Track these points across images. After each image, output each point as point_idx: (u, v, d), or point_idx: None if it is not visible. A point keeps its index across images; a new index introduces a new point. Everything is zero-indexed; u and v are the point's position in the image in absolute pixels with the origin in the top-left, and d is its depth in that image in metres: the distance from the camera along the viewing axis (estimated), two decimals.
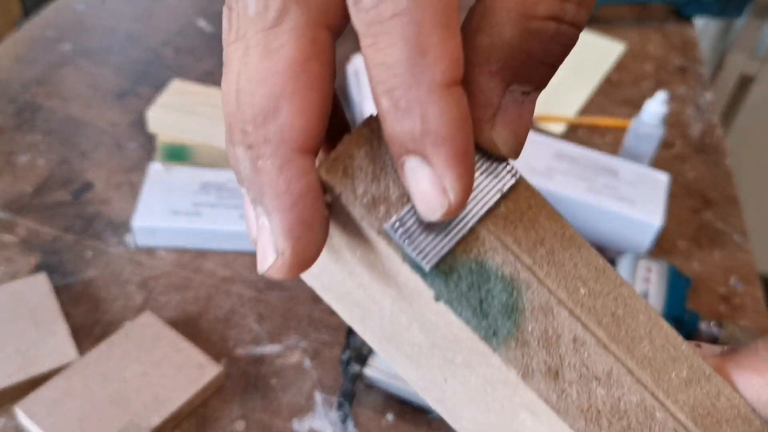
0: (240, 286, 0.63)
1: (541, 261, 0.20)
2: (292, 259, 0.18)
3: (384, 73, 0.16)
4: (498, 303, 0.19)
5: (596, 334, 0.20)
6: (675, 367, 0.20)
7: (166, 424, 0.50)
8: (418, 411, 0.55)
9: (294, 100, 0.17)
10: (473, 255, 0.19)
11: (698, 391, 0.20)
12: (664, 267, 0.62)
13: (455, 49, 0.16)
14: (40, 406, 0.49)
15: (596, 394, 0.19)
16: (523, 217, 0.20)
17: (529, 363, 0.19)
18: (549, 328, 0.19)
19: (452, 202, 0.17)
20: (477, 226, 0.19)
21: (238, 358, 0.57)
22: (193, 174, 0.68)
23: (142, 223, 0.63)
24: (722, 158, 0.84)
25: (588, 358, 0.19)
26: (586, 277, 0.20)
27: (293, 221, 0.18)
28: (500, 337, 0.19)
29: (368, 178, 0.19)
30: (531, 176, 0.68)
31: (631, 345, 0.20)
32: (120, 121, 0.78)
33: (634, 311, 0.20)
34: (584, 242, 0.20)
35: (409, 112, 0.16)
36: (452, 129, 0.16)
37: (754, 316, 0.66)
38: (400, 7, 0.15)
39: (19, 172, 0.71)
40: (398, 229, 0.18)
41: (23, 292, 0.57)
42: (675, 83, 0.95)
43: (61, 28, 0.91)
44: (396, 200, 0.19)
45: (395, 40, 0.16)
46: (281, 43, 0.17)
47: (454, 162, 0.17)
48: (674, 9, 1.07)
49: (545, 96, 0.88)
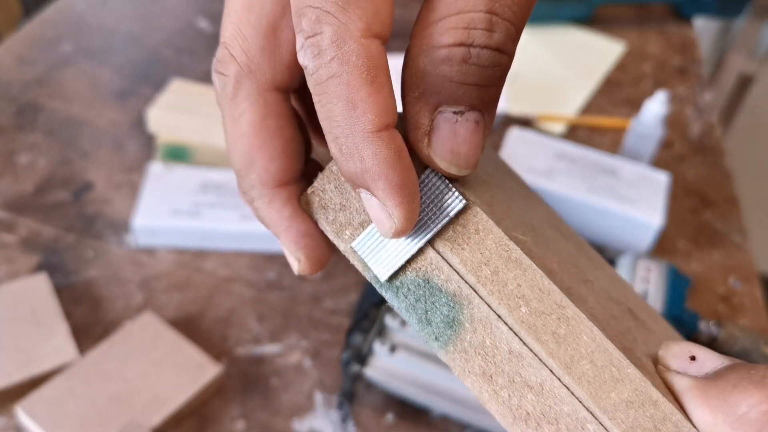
0: (240, 286, 0.63)
1: (484, 280, 0.22)
2: (308, 262, 0.24)
3: (329, 125, 0.20)
4: (440, 314, 0.22)
5: (533, 348, 0.21)
6: (616, 387, 0.21)
7: (166, 424, 0.51)
8: (418, 411, 0.55)
9: (261, 153, 0.23)
10: (421, 272, 0.22)
11: (640, 413, 0.21)
12: (663, 267, 0.62)
13: (382, 100, 0.19)
14: (40, 406, 0.50)
15: (527, 399, 0.21)
16: (470, 240, 0.22)
17: (465, 366, 0.22)
18: (487, 339, 0.22)
19: (397, 225, 0.21)
20: (426, 248, 0.22)
21: (238, 358, 0.57)
22: (193, 174, 0.68)
23: (142, 223, 0.63)
24: (722, 158, 0.84)
25: (522, 368, 0.21)
26: (529, 297, 0.22)
27: (294, 236, 0.24)
28: (441, 342, 0.22)
29: (336, 207, 0.23)
30: (531, 176, 0.68)
31: (570, 362, 0.21)
32: (120, 121, 0.78)
33: (577, 332, 0.21)
34: (531, 264, 0.22)
35: (351, 156, 0.20)
36: (384, 166, 0.20)
37: (753, 315, 0.66)
38: (332, 71, 0.19)
39: (20, 172, 0.71)
40: (358, 250, 0.23)
41: (24, 292, 0.57)
42: (674, 83, 0.95)
43: (62, 28, 0.91)
44: (358, 225, 0.23)
45: (332, 98, 0.19)
46: (241, 111, 0.23)
47: (390, 193, 0.20)
48: (674, 9, 1.07)
49: (545, 96, 0.89)
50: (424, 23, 0.20)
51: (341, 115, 0.19)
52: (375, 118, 0.19)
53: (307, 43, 0.19)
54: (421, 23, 0.20)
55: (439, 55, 0.19)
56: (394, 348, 0.53)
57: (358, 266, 0.23)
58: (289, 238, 0.24)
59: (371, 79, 0.19)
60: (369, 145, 0.19)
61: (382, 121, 0.19)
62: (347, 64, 0.19)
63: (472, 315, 0.22)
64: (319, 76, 0.19)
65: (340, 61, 0.19)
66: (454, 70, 0.19)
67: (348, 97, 0.19)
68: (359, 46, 0.19)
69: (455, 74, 0.19)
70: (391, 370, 0.53)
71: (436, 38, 0.19)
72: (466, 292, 0.22)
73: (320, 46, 0.19)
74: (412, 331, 0.54)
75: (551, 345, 0.21)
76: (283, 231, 0.24)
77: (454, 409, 0.52)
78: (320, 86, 0.19)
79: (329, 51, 0.19)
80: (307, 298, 0.63)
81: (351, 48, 0.19)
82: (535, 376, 0.21)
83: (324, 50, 0.19)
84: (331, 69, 0.19)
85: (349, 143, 0.19)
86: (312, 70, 0.19)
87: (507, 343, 0.22)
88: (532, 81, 0.90)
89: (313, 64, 0.19)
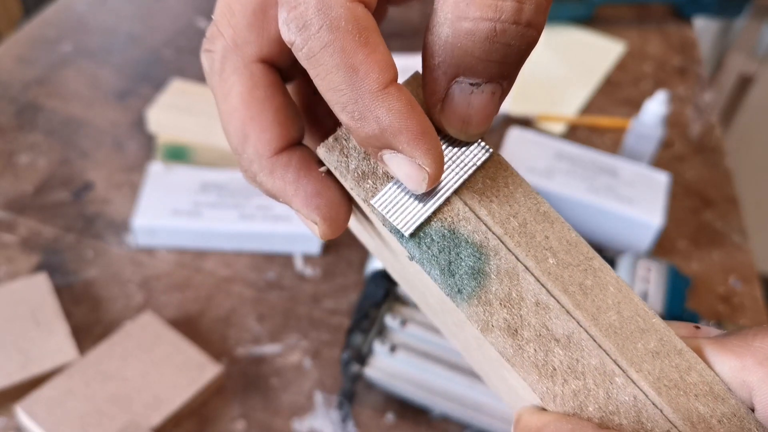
0: (240, 286, 0.63)
1: (512, 232, 0.22)
2: (324, 222, 0.23)
3: (334, 95, 0.19)
4: (465, 265, 0.21)
5: (560, 300, 0.21)
6: (642, 338, 0.21)
7: (166, 424, 0.51)
8: (418, 411, 0.55)
9: (253, 125, 0.23)
10: (447, 223, 0.22)
11: (666, 364, 0.21)
12: (663, 267, 0.62)
13: (380, 58, 0.19)
14: (40, 406, 0.50)
15: (554, 353, 0.21)
16: (499, 193, 0.22)
17: (489, 319, 0.21)
18: (513, 291, 0.21)
19: (430, 173, 0.20)
20: (454, 198, 0.22)
21: (238, 358, 0.57)
22: (193, 174, 0.68)
23: (142, 223, 0.63)
24: (721, 158, 0.84)
25: (549, 321, 0.21)
26: (557, 248, 0.22)
27: (303, 198, 0.23)
28: (464, 294, 0.21)
29: (360, 156, 0.22)
30: (531, 176, 0.68)
31: (597, 314, 0.21)
32: (120, 121, 0.78)
33: (604, 283, 0.21)
34: (558, 217, 0.22)
35: (364, 120, 0.19)
36: (401, 119, 0.19)
37: (753, 315, 0.66)
38: (324, 41, 0.19)
39: (20, 172, 0.71)
40: (381, 202, 0.22)
41: (24, 292, 0.57)
42: (674, 83, 0.95)
43: (62, 28, 0.91)
44: (382, 175, 0.22)
45: (330, 68, 0.19)
46: (230, 86, 0.23)
47: (415, 143, 0.20)
48: (674, 9, 1.07)
49: (545, 96, 0.89)
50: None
51: (344, 82, 0.19)
52: (379, 76, 0.19)
53: (290, 17, 0.19)
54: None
55: (463, 27, 0.19)
56: (394, 348, 0.53)
57: (377, 219, 0.22)
58: (299, 201, 0.23)
59: (364, 40, 0.19)
60: (381, 103, 0.19)
61: (386, 77, 0.19)
62: (337, 30, 0.19)
63: (499, 266, 0.21)
64: (310, 49, 0.19)
65: (330, 29, 0.19)
66: (477, 47, 0.19)
67: (346, 63, 0.19)
68: (346, 10, 0.19)
69: (478, 50, 0.19)
70: (391, 370, 0.53)
71: (462, 8, 0.19)
72: (493, 243, 0.22)
73: (305, 17, 0.19)
74: (412, 331, 0.54)
75: (578, 296, 0.21)
76: (291, 196, 0.23)
77: (454, 409, 0.52)
78: (314, 59, 0.19)
79: (316, 20, 0.19)
80: (307, 298, 0.63)
81: (338, 13, 0.19)
82: (562, 329, 0.21)
83: (310, 21, 0.19)
84: (322, 38, 0.19)
85: (360, 107, 0.19)
86: (301, 45, 0.19)
87: (534, 295, 0.21)
88: (532, 81, 0.90)
89: (301, 38, 0.19)
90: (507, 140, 0.72)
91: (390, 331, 0.54)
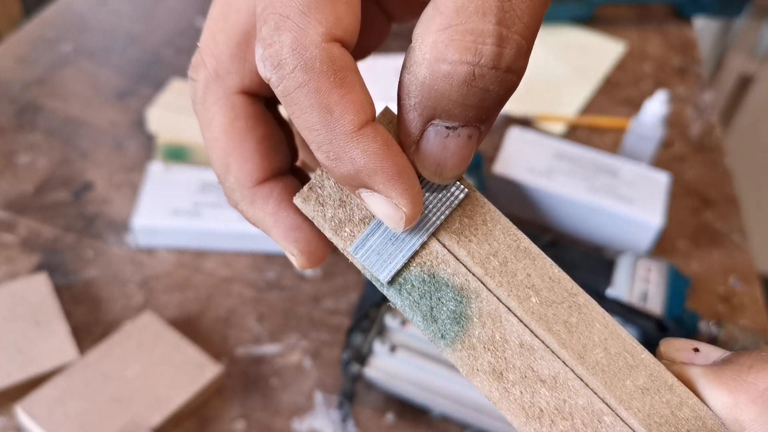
0: (240, 286, 0.63)
1: (492, 271, 0.21)
2: (302, 256, 0.23)
3: (310, 135, 0.19)
4: (447, 310, 0.21)
5: (545, 340, 0.21)
6: (631, 374, 0.21)
7: (166, 424, 0.51)
8: (418, 411, 0.55)
9: (234, 156, 0.23)
10: (426, 267, 0.22)
11: (656, 400, 0.20)
12: (663, 267, 0.62)
13: (356, 98, 0.19)
14: (40, 406, 0.50)
15: (540, 395, 0.21)
16: (478, 231, 0.22)
17: (474, 363, 0.21)
18: (496, 334, 0.21)
19: (407, 212, 0.20)
20: (431, 241, 0.22)
21: (238, 358, 0.57)
22: (193, 174, 0.68)
23: (142, 223, 0.63)
24: (721, 158, 0.84)
25: (534, 362, 0.21)
26: (540, 286, 0.21)
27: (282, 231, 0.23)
28: (448, 339, 0.21)
29: (336, 204, 0.22)
30: (531, 176, 0.68)
31: (583, 352, 0.21)
32: (120, 121, 0.78)
33: (590, 320, 0.21)
34: (540, 253, 0.22)
35: (340, 160, 0.19)
36: (376, 159, 0.19)
37: (753, 315, 0.66)
38: (298, 81, 0.18)
39: (20, 172, 0.71)
40: (359, 251, 0.22)
41: (24, 292, 0.57)
42: (674, 83, 0.95)
43: (62, 28, 0.91)
44: (359, 221, 0.22)
45: (305, 108, 0.19)
46: (212, 116, 0.23)
47: (391, 183, 0.19)
48: (674, 9, 1.07)
49: (545, 96, 0.89)
50: (429, 28, 0.18)
51: (319, 123, 0.19)
52: (354, 117, 0.19)
53: (266, 54, 0.19)
54: (425, 26, 0.18)
55: (441, 70, 0.18)
56: (394, 348, 0.53)
57: (358, 266, 0.22)
58: (277, 233, 0.23)
59: (340, 81, 0.18)
60: (355, 144, 0.19)
61: (361, 118, 0.19)
62: (312, 71, 0.18)
63: (480, 309, 0.21)
64: (285, 88, 0.19)
65: (304, 69, 0.18)
66: (454, 90, 0.18)
67: (320, 103, 0.18)
68: (321, 51, 0.18)
69: (455, 94, 0.18)
70: (391, 370, 0.53)
71: (440, 49, 0.18)
72: (474, 285, 0.21)
73: (280, 56, 0.18)
74: (412, 331, 0.54)
75: (563, 335, 0.21)
76: (270, 227, 0.23)
77: (454, 409, 0.52)
78: (289, 98, 0.19)
79: (290, 60, 0.18)
80: (307, 298, 0.63)
81: (313, 54, 0.18)
82: (548, 369, 0.21)
83: (284, 60, 0.18)
84: (296, 79, 0.18)
85: (335, 148, 0.19)
86: (276, 83, 0.19)
87: (518, 336, 0.21)
88: (532, 81, 0.90)
89: (276, 76, 0.19)
90: (507, 140, 0.72)
91: (390, 331, 0.54)
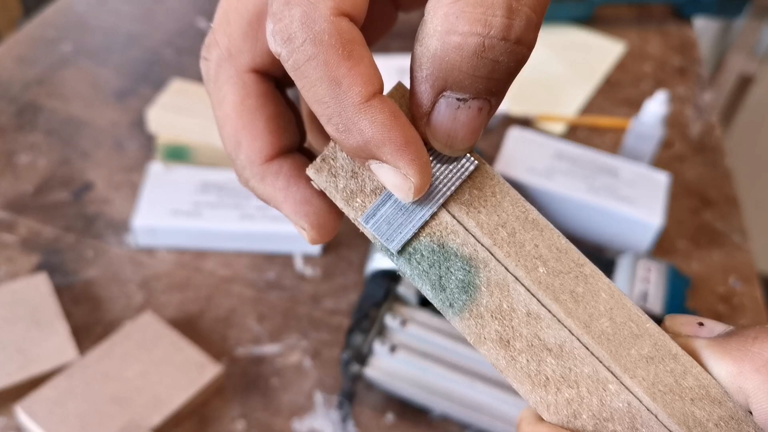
0: (240, 286, 0.63)
1: (501, 242, 0.22)
2: (312, 229, 0.24)
3: (320, 108, 0.20)
4: (455, 279, 0.22)
5: (551, 309, 0.21)
6: (636, 343, 0.21)
7: (166, 424, 0.51)
8: (418, 411, 0.55)
9: (245, 133, 0.23)
10: (436, 237, 0.22)
11: (660, 369, 0.21)
12: (663, 267, 0.62)
13: (364, 70, 0.19)
14: (40, 406, 0.50)
15: (546, 363, 0.21)
16: (487, 203, 0.22)
17: (481, 332, 0.21)
18: (504, 303, 0.21)
19: (415, 182, 0.20)
20: (441, 212, 0.22)
21: (238, 358, 0.57)
22: (193, 174, 0.68)
23: (142, 223, 0.63)
24: (721, 158, 0.84)
25: (540, 330, 0.21)
26: (547, 257, 0.22)
27: (292, 205, 0.24)
28: (456, 308, 0.22)
29: (348, 175, 0.22)
30: (531, 176, 0.68)
31: (589, 321, 0.21)
32: (120, 121, 0.78)
33: (596, 290, 0.21)
34: (547, 225, 0.22)
35: (348, 132, 0.20)
36: (384, 130, 0.20)
37: (753, 315, 0.66)
38: (308, 54, 0.19)
39: (20, 172, 0.71)
40: (369, 220, 0.22)
41: (24, 292, 0.57)
42: (674, 83, 0.95)
43: (62, 28, 0.91)
44: (370, 192, 0.22)
45: (314, 81, 0.19)
46: (223, 94, 0.23)
47: (399, 153, 0.20)
48: (674, 9, 1.07)
49: (545, 96, 0.89)
50: (441, 1, 0.19)
51: (327, 95, 0.19)
52: (362, 89, 0.19)
53: (276, 29, 0.19)
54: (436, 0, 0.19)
55: (452, 41, 0.19)
56: (394, 348, 0.53)
57: (369, 236, 0.22)
58: (288, 208, 0.24)
59: (348, 53, 0.19)
60: (363, 115, 0.19)
61: (369, 90, 0.19)
62: (321, 44, 0.19)
63: (489, 278, 0.22)
64: (295, 62, 0.19)
65: (313, 42, 0.19)
66: (464, 62, 0.19)
67: (329, 76, 0.19)
68: (329, 24, 0.19)
69: (465, 65, 0.19)
70: (391, 370, 0.53)
71: (451, 21, 0.18)
72: (482, 255, 0.22)
73: (290, 31, 0.19)
74: (412, 331, 0.54)
75: (570, 304, 0.21)
76: (281, 202, 0.24)
77: (454, 409, 0.52)
78: (299, 71, 0.19)
79: (300, 34, 0.19)
80: (307, 298, 0.63)
81: (322, 27, 0.19)
82: (554, 338, 0.21)
83: (294, 34, 0.19)
84: (306, 52, 0.19)
85: (344, 120, 0.19)
86: (286, 57, 0.19)
87: (525, 305, 0.21)
88: (532, 81, 0.90)
89: (286, 51, 0.19)
90: (507, 140, 0.72)
91: (390, 331, 0.54)
